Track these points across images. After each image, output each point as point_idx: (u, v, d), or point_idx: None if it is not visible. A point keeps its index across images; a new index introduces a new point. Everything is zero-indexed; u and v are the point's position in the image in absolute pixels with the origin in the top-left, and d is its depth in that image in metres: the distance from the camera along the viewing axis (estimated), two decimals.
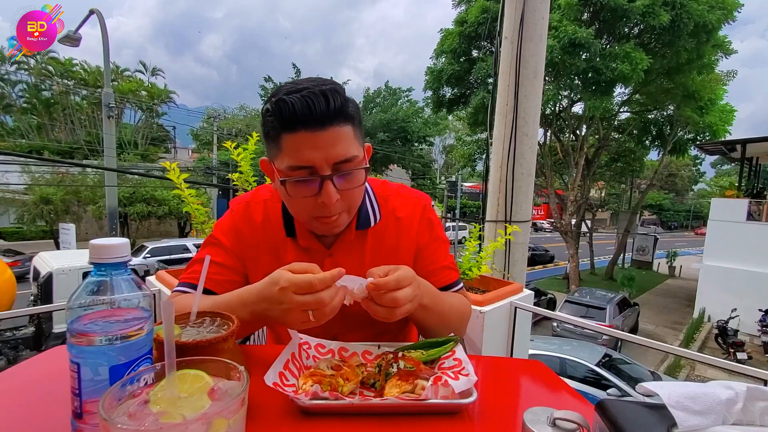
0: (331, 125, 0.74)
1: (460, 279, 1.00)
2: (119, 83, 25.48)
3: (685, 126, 15.16)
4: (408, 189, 1.01)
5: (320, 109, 0.73)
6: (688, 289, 17.46)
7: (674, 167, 39.00)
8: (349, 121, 0.77)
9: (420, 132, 27.03)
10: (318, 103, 0.73)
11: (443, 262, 0.97)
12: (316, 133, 0.74)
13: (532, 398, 0.75)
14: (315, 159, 0.75)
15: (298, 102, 0.72)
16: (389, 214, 0.95)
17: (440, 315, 0.86)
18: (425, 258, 0.95)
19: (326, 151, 0.75)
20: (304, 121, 0.73)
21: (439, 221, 1.00)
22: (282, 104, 0.73)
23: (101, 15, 7.74)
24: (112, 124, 8.57)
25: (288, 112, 0.73)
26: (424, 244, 0.96)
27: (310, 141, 0.74)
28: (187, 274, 0.92)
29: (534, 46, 2.64)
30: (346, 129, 0.77)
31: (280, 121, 0.75)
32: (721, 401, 0.41)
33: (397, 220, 0.95)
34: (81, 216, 18.11)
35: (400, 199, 0.97)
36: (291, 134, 0.75)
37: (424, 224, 0.96)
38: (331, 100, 0.73)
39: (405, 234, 0.94)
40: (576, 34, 10.92)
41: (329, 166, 0.76)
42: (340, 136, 0.76)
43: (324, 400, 0.58)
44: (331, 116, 0.74)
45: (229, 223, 0.95)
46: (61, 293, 6.62)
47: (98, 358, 0.47)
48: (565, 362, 7.13)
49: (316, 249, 0.92)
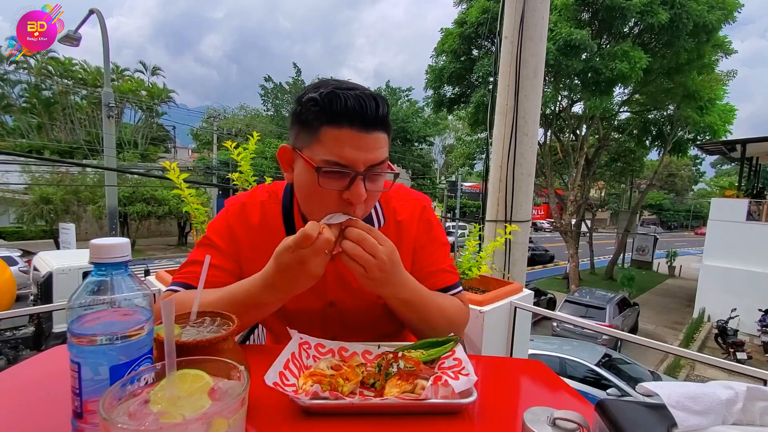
0: (375, 130, 0.76)
1: (459, 283, 0.98)
2: (119, 83, 25.48)
3: (685, 126, 15.15)
4: (407, 190, 1.00)
5: (371, 112, 0.75)
6: (688, 289, 17.46)
7: (674, 167, 39.03)
8: (387, 130, 0.80)
9: (420, 132, 27.06)
10: (369, 106, 0.74)
11: (441, 265, 0.96)
12: (361, 134, 0.75)
13: (532, 398, 0.76)
14: (355, 159, 0.75)
15: (352, 100, 0.74)
16: (390, 216, 0.95)
17: (426, 314, 0.85)
18: (423, 259, 0.95)
19: (366, 154, 0.76)
20: (352, 119, 0.74)
21: (439, 223, 1.00)
22: (335, 97, 0.74)
23: (101, 15, 7.73)
24: (111, 123, 8.57)
25: (340, 106, 0.73)
26: (421, 245, 0.95)
27: (355, 141, 0.75)
28: (180, 274, 0.89)
29: (534, 45, 2.64)
30: (384, 136, 0.79)
31: (328, 113, 0.75)
32: (721, 401, 0.41)
33: (397, 222, 0.94)
34: (81, 216, 18.13)
35: (400, 200, 0.96)
36: (335, 128, 0.75)
37: (423, 225, 0.96)
38: (381, 107, 0.76)
39: (405, 235, 0.94)
40: (572, 35, 10.90)
41: (364, 166, 0.77)
42: (380, 142, 0.78)
43: (324, 400, 0.58)
44: (377, 121, 0.76)
45: (224, 223, 0.93)
46: (61, 293, 6.62)
47: (98, 358, 0.47)
48: (565, 362, 7.12)
49: None
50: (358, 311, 0.93)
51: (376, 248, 0.73)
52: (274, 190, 0.96)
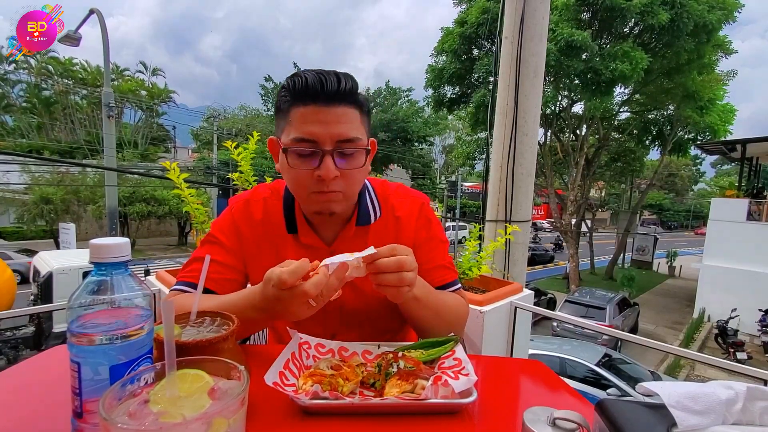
0: (340, 104, 0.78)
1: (458, 280, 0.99)
2: (119, 83, 25.48)
3: (685, 126, 15.15)
4: (406, 188, 1.01)
5: (331, 87, 0.77)
6: (688, 289, 17.46)
7: (674, 167, 39.00)
8: (357, 106, 0.81)
9: (420, 132, 27.04)
10: (330, 81, 0.77)
11: (440, 262, 0.96)
12: (324, 108, 0.77)
13: (532, 398, 0.76)
14: (320, 133, 0.77)
15: (312, 77, 0.77)
16: (388, 212, 0.96)
17: (434, 311, 0.86)
18: (421, 256, 0.94)
19: (331, 127, 0.78)
20: (315, 95, 0.77)
21: (438, 221, 1.01)
22: (296, 78, 0.78)
23: (101, 15, 7.73)
24: (112, 123, 8.56)
25: (301, 85, 0.77)
26: (420, 242, 0.96)
27: (318, 115, 0.77)
28: (185, 272, 0.90)
29: (534, 45, 2.64)
30: (353, 111, 0.80)
31: (292, 93, 0.79)
32: (721, 401, 0.41)
33: (396, 219, 0.95)
34: (81, 215, 18.12)
35: (399, 198, 0.98)
36: (300, 107, 0.78)
37: (421, 222, 0.97)
38: (343, 81, 0.78)
39: (403, 231, 0.95)
40: (572, 36, 10.90)
41: (332, 143, 0.78)
42: (347, 116, 0.79)
43: (324, 400, 0.58)
44: (340, 95, 0.78)
45: (229, 221, 0.94)
46: (61, 293, 6.61)
47: (98, 358, 0.47)
48: (565, 362, 7.12)
49: (317, 246, 0.92)
50: (358, 307, 0.93)
51: (413, 263, 0.73)
52: (275, 187, 0.98)
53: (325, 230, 0.94)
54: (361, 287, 0.91)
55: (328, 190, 0.81)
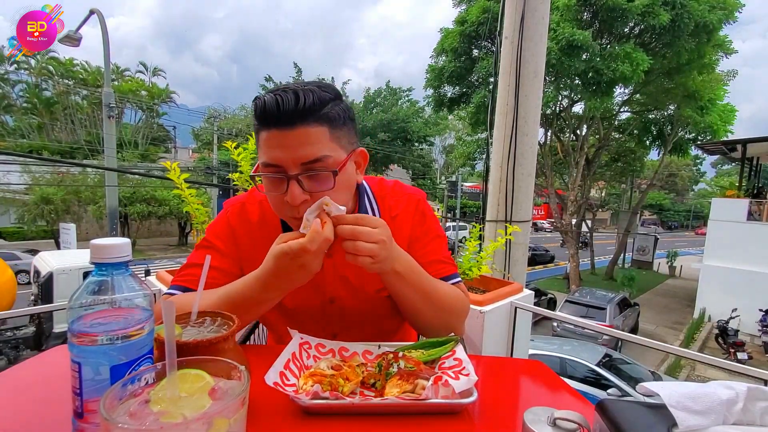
0: (301, 124, 0.73)
1: (457, 274, 0.98)
2: (119, 83, 25.49)
3: (685, 126, 15.13)
4: (403, 186, 1.01)
5: (288, 108, 0.72)
6: (689, 289, 17.44)
7: (674, 167, 39.00)
8: (323, 122, 0.75)
9: (420, 132, 27.03)
10: (287, 102, 0.72)
11: (437, 256, 0.95)
12: (284, 131, 0.73)
13: (533, 398, 0.76)
14: (281, 158, 0.74)
15: (269, 100, 0.73)
16: (386, 213, 0.96)
17: (422, 293, 0.83)
18: (417, 251, 0.94)
19: (293, 151, 0.74)
20: (274, 119, 0.74)
21: (434, 216, 1.00)
22: (258, 101, 0.75)
23: (101, 15, 7.74)
24: (112, 124, 8.57)
25: (260, 109, 0.75)
26: (416, 237, 0.96)
27: (278, 139, 0.74)
28: (179, 276, 0.89)
29: (534, 45, 2.64)
30: (317, 129, 0.75)
31: (257, 118, 0.76)
32: (721, 401, 0.41)
33: (392, 218, 0.95)
34: (81, 216, 18.13)
35: (395, 197, 0.98)
36: (264, 131, 0.76)
37: (417, 218, 0.97)
38: (302, 99, 0.72)
39: (400, 230, 0.94)
40: (574, 35, 10.89)
41: (296, 167, 0.75)
42: (310, 137, 0.74)
43: (324, 400, 0.58)
44: (299, 115, 0.73)
45: (224, 224, 0.93)
46: (61, 293, 6.61)
47: (99, 358, 0.47)
48: (565, 362, 7.12)
49: None
50: (358, 307, 0.93)
51: (372, 235, 0.72)
52: None
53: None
54: (361, 287, 0.91)
55: (299, 216, 0.76)
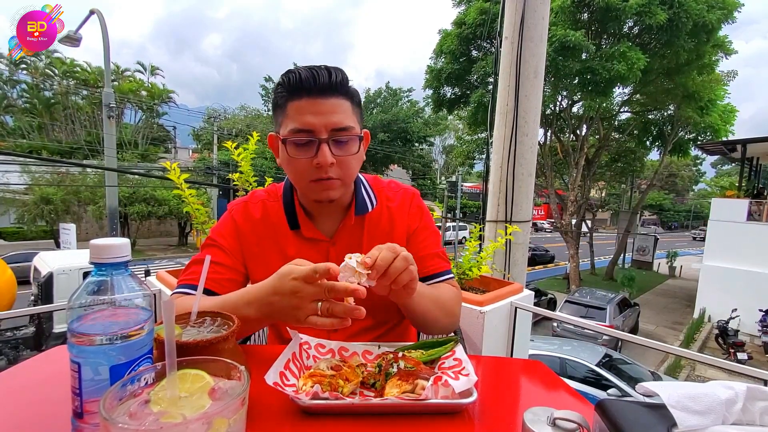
0: (332, 95, 0.84)
1: (450, 270, 1.02)
2: (119, 83, 25.48)
3: (685, 126, 15.14)
4: (398, 183, 1.07)
5: (323, 80, 0.82)
6: (689, 289, 17.45)
7: (675, 167, 39.03)
8: (348, 97, 0.86)
9: (420, 132, 27.06)
10: (322, 75, 0.82)
11: (432, 250, 1.00)
12: (318, 100, 0.83)
13: (532, 398, 0.75)
14: (315, 123, 0.82)
15: (305, 72, 0.83)
16: (383, 202, 1.01)
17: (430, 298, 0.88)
18: (415, 244, 0.99)
19: (325, 117, 0.83)
20: (308, 89, 0.82)
21: (429, 211, 1.06)
22: (291, 74, 0.84)
23: (101, 15, 7.73)
24: (112, 124, 8.56)
25: (295, 80, 0.83)
26: (414, 230, 1.00)
27: (313, 107, 0.83)
28: (185, 275, 0.92)
29: (534, 46, 2.64)
30: (344, 102, 0.85)
31: (288, 89, 0.84)
32: (721, 401, 0.41)
33: (389, 208, 1.00)
34: (81, 216, 18.14)
35: (392, 191, 1.04)
36: (295, 100, 0.84)
37: (414, 211, 1.02)
38: (334, 74, 0.83)
39: (397, 220, 1.00)
40: (568, 37, 10.89)
41: (327, 131, 0.83)
42: (340, 107, 0.84)
43: (324, 400, 0.58)
44: (332, 87, 0.83)
45: (228, 223, 0.97)
46: (61, 293, 6.61)
47: (99, 358, 0.47)
48: (565, 362, 7.12)
49: (318, 239, 0.95)
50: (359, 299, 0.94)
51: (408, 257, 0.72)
52: (272, 190, 1.02)
53: (326, 223, 0.97)
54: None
55: (326, 177, 0.85)
